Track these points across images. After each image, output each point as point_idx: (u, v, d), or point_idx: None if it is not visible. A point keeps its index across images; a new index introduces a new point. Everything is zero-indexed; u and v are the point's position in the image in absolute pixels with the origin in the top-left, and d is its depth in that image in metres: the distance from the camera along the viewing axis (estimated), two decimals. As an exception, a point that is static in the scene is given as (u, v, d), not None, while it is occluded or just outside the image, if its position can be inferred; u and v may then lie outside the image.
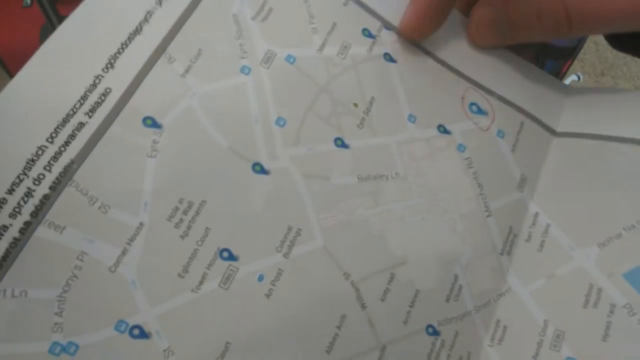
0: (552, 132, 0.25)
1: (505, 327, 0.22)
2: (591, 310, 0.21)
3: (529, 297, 0.22)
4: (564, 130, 0.25)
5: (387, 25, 0.24)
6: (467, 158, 0.23)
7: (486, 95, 0.25)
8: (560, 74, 0.58)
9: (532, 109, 0.25)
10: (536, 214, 0.24)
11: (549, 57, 0.55)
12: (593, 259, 0.22)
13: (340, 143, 0.22)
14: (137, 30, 0.20)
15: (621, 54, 1.57)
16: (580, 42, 0.55)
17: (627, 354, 0.20)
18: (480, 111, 0.24)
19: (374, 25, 0.23)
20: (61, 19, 0.81)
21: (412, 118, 0.23)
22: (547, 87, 0.26)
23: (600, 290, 0.21)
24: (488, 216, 0.23)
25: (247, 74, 0.21)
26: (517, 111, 0.25)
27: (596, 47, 1.59)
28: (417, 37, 0.24)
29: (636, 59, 1.58)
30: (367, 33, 0.23)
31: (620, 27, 0.23)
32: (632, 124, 0.24)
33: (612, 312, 0.21)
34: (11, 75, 0.92)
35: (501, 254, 0.23)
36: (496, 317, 0.22)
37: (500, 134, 0.24)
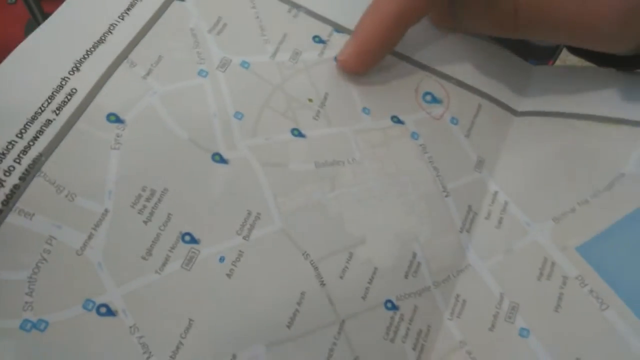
0: (514, 112, 0.26)
1: (464, 301, 0.23)
2: (544, 283, 0.22)
3: (487, 272, 0.23)
4: (525, 110, 0.26)
5: (338, 29, 0.25)
6: (422, 144, 0.24)
7: (442, 81, 0.26)
8: None
9: (491, 90, 0.26)
10: (495, 193, 0.25)
11: (531, 57, 0.55)
12: (548, 233, 0.23)
13: (297, 133, 0.23)
14: (101, 40, 0.22)
15: None
16: None
17: (577, 323, 0.21)
18: (434, 100, 0.25)
19: (324, 31, 0.25)
20: (46, 15, 0.83)
21: (366, 110, 0.24)
22: (510, 68, 0.27)
23: (553, 263, 0.22)
24: (446, 196, 0.24)
25: (205, 76, 0.23)
26: (475, 94, 0.26)
27: None
28: (357, 72, 0.25)
29: None
30: (317, 39, 0.25)
31: (566, 39, 0.24)
32: (589, 100, 0.25)
33: (564, 283, 0.22)
34: None
35: (460, 231, 0.24)
36: (456, 292, 0.23)
37: (454, 120, 0.25)
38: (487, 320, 0.22)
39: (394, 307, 0.22)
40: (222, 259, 0.21)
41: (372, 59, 0.24)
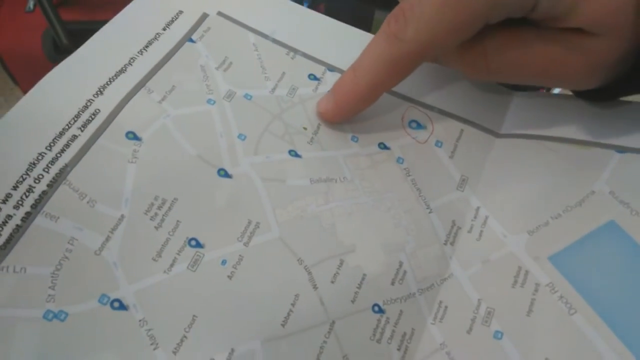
0: (495, 134, 0.29)
1: (446, 307, 0.25)
2: (518, 290, 0.24)
3: (467, 280, 0.25)
4: (507, 132, 0.29)
5: (331, 68, 0.29)
6: (405, 168, 0.27)
7: (426, 110, 0.28)
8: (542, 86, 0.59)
9: (472, 116, 0.29)
10: (478, 208, 0.27)
11: None
12: (522, 244, 0.25)
13: (294, 153, 0.26)
14: (122, 70, 0.25)
15: None
16: None
17: (547, 326, 0.23)
18: (419, 126, 0.28)
19: (318, 70, 0.28)
20: (63, 24, 0.86)
21: (355, 138, 0.27)
22: (489, 94, 0.30)
23: (527, 272, 0.24)
24: (430, 212, 0.26)
25: (213, 104, 0.26)
26: (457, 120, 0.28)
27: None
28: (336, 122, 0.27)
29: None
30: (312, 77, 0.28)
31: (537, 83, 0.26)
32: (564, 124, 0.28)
33: (536, 290, 0.24)
34: (13, 77, 0.96)
35: (445, 243, 0.26)
36: (439, 299, 0.25)
37: (439, 144, 0.28)
38: (466, 324, 0.24)
39: (381, 311, 0.24)
40: (224, 262, 0.23)
41: (349, 114, 0.27)
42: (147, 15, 0.27)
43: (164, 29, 0.27)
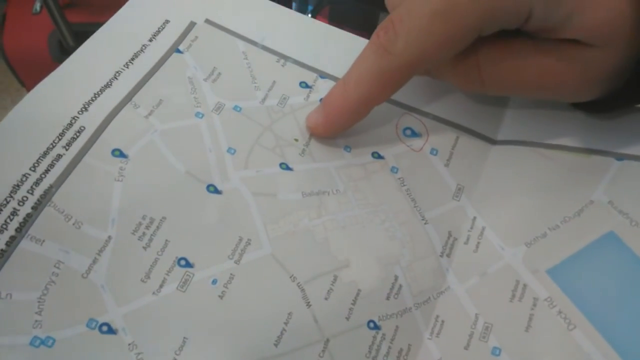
0: (492, 141, 0.28)
1: (443, 322, 0.24)
2: (516, 304, 0.23)
3: (464, 293, 0.25)
4: (504, 139, 0.28)
5: (323, 75, 0.28)
6: (400, 178, 0.26)
7: (420, 117, 0.28)
8: None
9: (468, 123, 0.28)
10: (474, 218, 0.26)
11: None
12: (520, 257, 0.24)
13: (285, 167, 0.25)
14: (108, 85, 0.24)
15: None
16: None
17: (546, 342, 0.22)
18: (414, 134, 0.27)
19: (310, 77, 0.28)
20: (69, 25, 0.86)
21: (347, 148, 0.26)
22: (485, 100, 0.29)
23: (525, 285, 0.24)
24: (425, 224, 0.26)
25: (201, 118, 0.25)
26: (452, 127, 0.28)
27: None
28: (327, 136, 0.26)
29: None
30: (304, 85, 0.27)
31: (531, 96, 0.25)
32: (561, 131, 0.27)
33: (534, 305, 0.23)
34: (19, 78, 0.96)
35: (441, 256, 0.26)
36: (436, 313, 0.25)
37: (434, 151, 0.27)
38: (463, 339, 0.24)
39: (376, 327, 0.24)
40: (214, 282, 0.22)
41: (339, 129, 0.26)
42: (133, 26, 0.27)
43: (150, 40, 0.26)
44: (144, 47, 0.26)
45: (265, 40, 0.28)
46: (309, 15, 0.52)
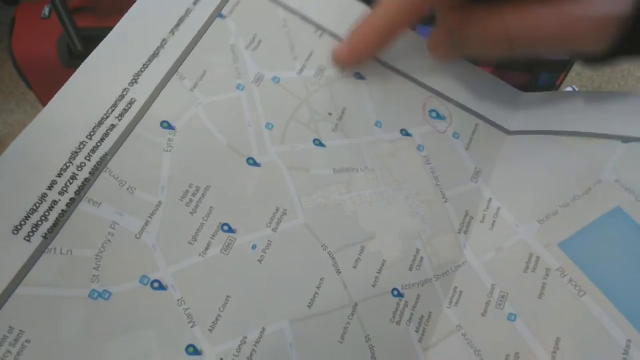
0: (506, 131, 0.30)
1: (461, 292, 0.26)
2: (530, 275, 0.25)
3: (481, 267, 0.27)
4: (517, 129, 0.30)
5: None
6: (425, 156, 0.28)
7: (445, 102, 0.30)
8: (555, 87, 0.60)
9: (486, 113, 0.30)
10: (490, 200, 0.28)
11: (543, 70, 0.57)
12: (533, 233, 0.26)
13: (318, 143, 0.27)
14: (155, 54, 0.25)
15: (619, 68, 1.61)
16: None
17: (558, 308, 0.24)
18: (439, 116, 0.29)
19: None
20: (78, 30, 0.88)
21: (378, 124, 0.28)
22: (501, 93, 0.31)
23: (538, 258, 0.26)
24: (445, 202, 0.28)
25: (242, 90, 0.26)
26: (472, 115, 0.30)
27: None
28: (350, 63, 0.29)
29: (633, 72, 1.61)
30: None
31: (559, 49, 0.27)
32: (570, 119, 0.29)
33: (547, 275, 0.25)
34: (27, 82, 0.97)
35: (459, 232, 0.28)
36: (454, 285, 0.27)
37: (456, 135, 0.29)
38: (480, 307, 0.25)
39: (400, 295, 0.26)
40: (254, 247, 0.24)
41: (363, 54, 0.28)
42: None
43: (194, 3, 0.27)
44: (188, 11, 0.27)
45: (304, 8, 0.29)
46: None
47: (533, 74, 0.57)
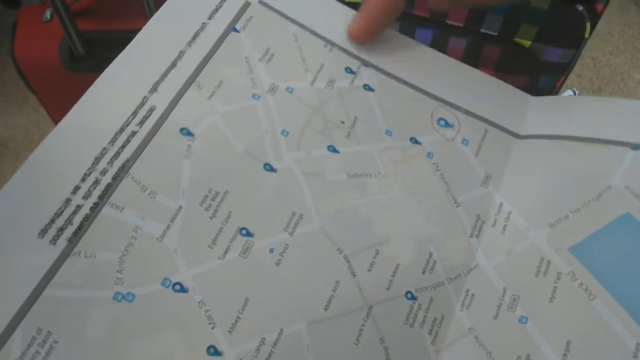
0: (517, 135, 0.31)
1: (473, 295, 0.27)
2: (541, 278, 0.26)
3: (493, 270, 0.27)
4: (528, 134, 0.31)
5: (366, 64, 0.30)
6: (435, 163, 0.29)
7: (453, 110, 0.30)
8: (554, 89, 0.60)
9: (495, 118, 0.31)
10: (501, 204, 0.29)
11: (543, 73, 0.58)
12: (544, 237, 0.27)
13: (332, 149, 0.27)
14: (173, 65, 0.26)
15: (619, 70, 1.62)
16: (573, 58, 0.56)
17: (568, 311, 0.25)
18: (447, 124, 0.30)
19: (354, 64, 0.30)
20: (79, 33, 0.89)
21: (389, 132, 0.29)
22: (510, 98, 0.32)
23: (549, 262, 0.26)
24: (457, 207, 0.28)
25: (257, 99, 0.27)
26: (481, 121, 0.30)
27: (594, 63, 1.65)
28: (365, 38, 0.30)
29: (633, 74, 1.62)
30: (349, 70, 0.30)
31: None
32: (580, 124, 0.30)
33: (558, 278, 0.26)
34: (29, 85, 0.98)
35: (470, 236, 0.28)
36: (466, 287, 0.27)
37: (465, 142, 0.30)
38: (492, 310, 0.26)
39: (413, 298, 0.26)
40: (271, 250, 0.25)
41: (377, 28, 0.30)
42: (192, 5, 0.29)
43: (209, 18, 0.28)
44: (203, 25, 0.28)
45: (315, 25, 0.30)
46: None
47: (533, 76, 0.57)
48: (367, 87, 0.29)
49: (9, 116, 1.41)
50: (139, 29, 0.27)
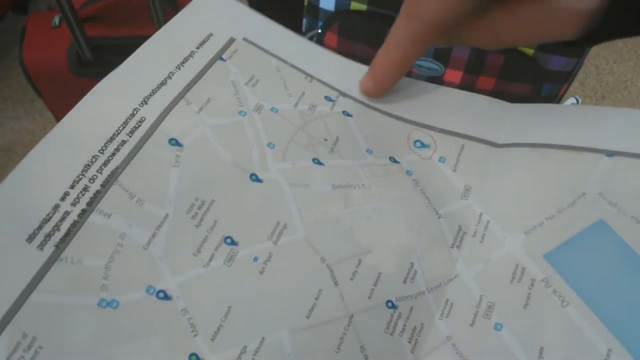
0: (495, 145, 0.32)
1: (452, 304, 0.27)
2: (516, 285, 0.27)
3: (471, 279, 0.28)
4: (505, 142, 0.31)
5: (343, 94, 0.32)
6: (414, 179, 0.30)
7: (428, 131, 0.31)
8: (557, 97, 0.61)
9: (472, 132, 0.32)
10: (481, 214, 0.29)
11: (546, 81, 0.58)
12: (520, 244, 0.28)
13: (317, 161, 0.28)
14: (163, 83, 0.28)
15: (622, 78, 1.62)
16: (576, 66, 0.58)
17: (542, 317, 0.25)
18: (423, 145, 0.31)
19: (333, 94, 0.32)
20: (87, 39, 0.90)
21: (369, 151, 0.30)
22: (486, 109, 0.33)
23: (523, 269, 0.27)
24: (439, 218, 0.29)
25: (244, 116, 0.28)
26: (457, 137, 0.31)
27: (597, 71, 1.65)
28: (379, 94, 0.32)
29: (636, 82, 1.63)
30: (328, 98, 0.31)
31: (539, 41, 0.30)
32: (556, 132, 0.30)
33: (532, 285, 0.26)
34: (38, 91, 0.99)
35: (452, 247, 0.29)
36: (446, 297, 0.28)
37: (442, 159, 0.31)
38: (469, 317, 0.27)
39: (394, 307, 0.27)
40: (255, 259, 0.25)
41: (386, 86, 0.32)
42: (182, 36, 0.30)
43: (198, 48, 0.30)
44: (192, 53, 0.30)
45: (294, 60, 0.32)
46: (319, 30, 0.56)
47: (536, 84, 0.58)
48: (346, 113, 0.31)
49: (16, 120, 1.42)
50: (147, 36, 0.29)
